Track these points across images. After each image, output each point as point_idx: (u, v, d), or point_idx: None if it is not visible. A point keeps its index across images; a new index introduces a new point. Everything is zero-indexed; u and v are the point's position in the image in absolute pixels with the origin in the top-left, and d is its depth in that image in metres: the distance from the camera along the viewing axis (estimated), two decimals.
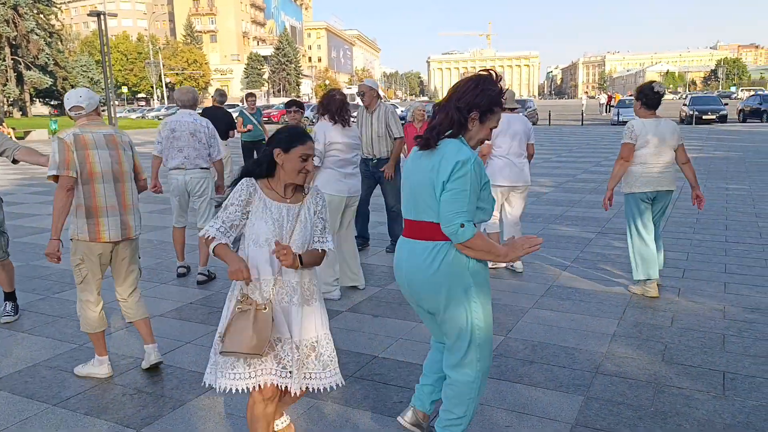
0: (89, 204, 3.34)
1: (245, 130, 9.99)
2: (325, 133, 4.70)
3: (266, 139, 8.02)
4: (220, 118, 9.36)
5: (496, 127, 2.43)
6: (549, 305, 4.56)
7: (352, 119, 5.28)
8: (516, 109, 5.69)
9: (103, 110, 59.88)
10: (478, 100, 2.33)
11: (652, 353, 3.66)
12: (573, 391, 3.22)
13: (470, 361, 2.44)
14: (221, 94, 9.87)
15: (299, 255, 2.33)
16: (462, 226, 2.22)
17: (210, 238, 2.37)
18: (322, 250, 2.44)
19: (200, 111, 9.70)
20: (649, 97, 4.60)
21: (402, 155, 6.47)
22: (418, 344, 3.88)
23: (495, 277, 5.31)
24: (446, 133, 2.35)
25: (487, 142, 5.26)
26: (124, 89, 65.42)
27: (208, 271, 5.42)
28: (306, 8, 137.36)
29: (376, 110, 5.99)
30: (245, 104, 10.51)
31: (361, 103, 6.14)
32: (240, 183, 2.40)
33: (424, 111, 7.76)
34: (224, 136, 9.34)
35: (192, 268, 5.70)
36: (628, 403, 3.07)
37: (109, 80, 27.60)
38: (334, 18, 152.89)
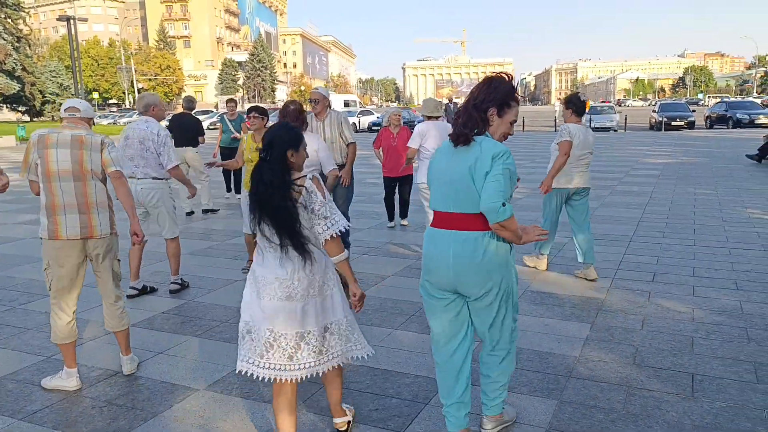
0: (48, 202, 3.38)
1: (238, 136, 9.85)
2: None
3: None
4: (188, 125, 9.27)
5: (515, 121, 2.65)
6: (523, 310, 4.59)
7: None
8: (439, 117, 6.31)
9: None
10: (492, 96, 2.57)
11: (624, 356, 3.72)
12: (546, 395, 3.25)
13: (514, 333, 2.77)
14: (189, 101, 9.76)
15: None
16: (503, 205, 2.42)
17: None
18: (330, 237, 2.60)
19: (169, 118, 9.60)
20: (578, 106, 5.36)
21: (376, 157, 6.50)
22: (394, 351, 3.88)
23: None
24: (474, 132, 2.57)
25: (411, 146, 5.36)
26: (96, 95, 64.22)
27: (181, 279, 5.33)
28: (281, 14, 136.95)
29: (326, 117, 5.94)
30: (226, 110, 10.45)
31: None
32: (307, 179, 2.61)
33: (399, 116, 7.83)
34: (193, 143, 9.27)
35: (155, 283, 5.61)
36: (601, 407, 3.12)
37: (79, 86, 27.14)
38: (310, 24, 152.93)
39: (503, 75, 2.66)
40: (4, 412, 3.22)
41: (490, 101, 2.57)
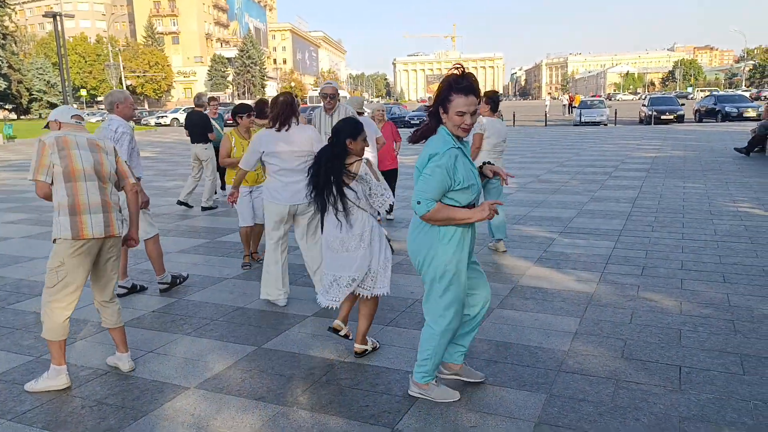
0: (72, 202, 3.38)
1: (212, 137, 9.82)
2: (263, 140, 4.55)
3: None
4: (196, 122, 9.33)
5: (463, 112, 2.81)
6: (513, 305, 4.62)
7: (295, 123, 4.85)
8: (363, 113, 6.60)
9: None
10: (436, 97, 2.89)
11: (612, 350, 3.75)
12: (536, 389, 3.28)
13: (440, 319, 3.05)
14: (197, 97, 9.79)
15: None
16: (418, 203, 2.82)
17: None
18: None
19: (185, 115, 9.78)
20: (495, 102, 6.11)
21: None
22: (384, 347, 3.90)
23: None
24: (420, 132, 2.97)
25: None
26: (83, 92, 63.67)
27: (171, 276, 5.29)
28: (270, 9, 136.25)
29: (335, 111, 5.97)
30: (207, 109, 10.33)
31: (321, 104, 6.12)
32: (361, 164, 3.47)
33: (383, 111, 7.87)
34: (202, 139, 9.32)
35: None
36: (589, 400, 3.14)
37: (66, 83, 26.90)
38: (299, 19, 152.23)
39: (449, 72, 2.88)
40: None
41: (435, 102, 2.88)
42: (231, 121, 6.50)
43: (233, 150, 5.92)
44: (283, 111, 4.52)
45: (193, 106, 9.82)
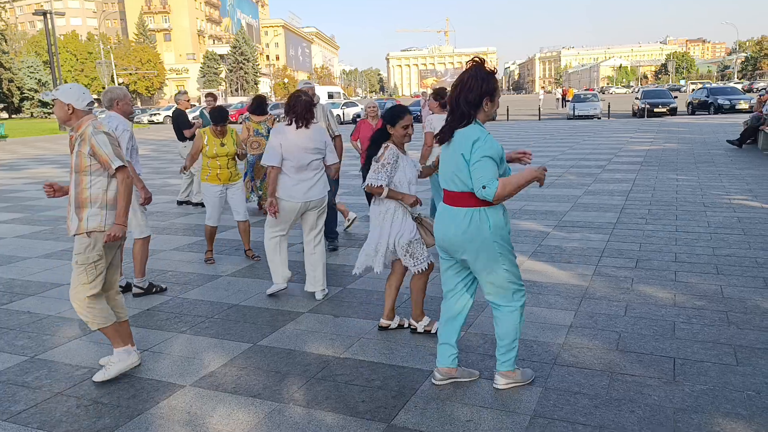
0: (114, 198, 3.47)
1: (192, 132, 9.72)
2: (280, 136, 4.60)
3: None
4: (174, 120, 9.30)
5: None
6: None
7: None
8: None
9: (52, 112, 57.83)
10: (489, 87, 3.00)
11: (607, 342, 3.77)
12: (531, 382, 3.29)
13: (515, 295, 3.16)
14: (177, 94, 9.75)
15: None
16: (483, 187, 2.85)
17: (379, 186, 3.81)
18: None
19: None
20: (443, 98, 6.26)
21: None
22: (380, 342, 3.90)
23: None
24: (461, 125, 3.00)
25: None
26: None
27: (149, 283, 5.12)
28: (262, 5, 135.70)
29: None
30: (205, 104, 10.38)
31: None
32: (389, 149, 3.85)
33: (375, 108, 7.76)
34: (180, 136, 9.27)
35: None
36: (584, 393, 3.16)
37: (57, 81, 26.74)
38: (291, 15, 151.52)
39: (472, 65, 3.09)
40: None
41: (480, 95, 3.02)
42: (233, 119, 6.49)
43: (206, 148, 5.89)
44: (304, 110, 4.60)
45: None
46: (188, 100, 9.78)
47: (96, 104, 3.68)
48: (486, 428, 2.87)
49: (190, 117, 9.63)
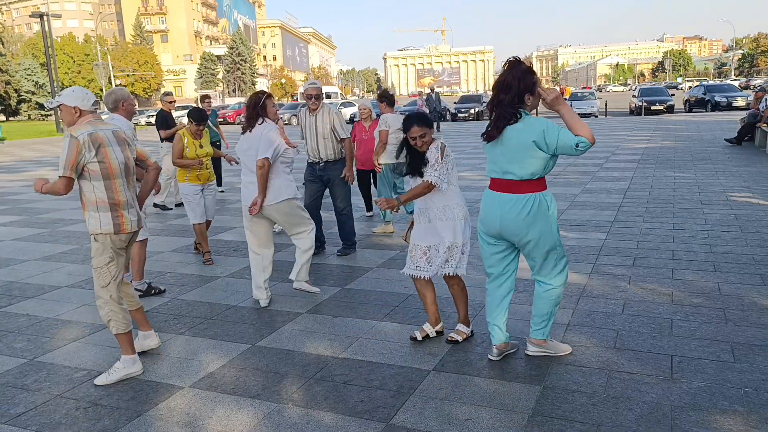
0: (112, 199, 3.48)
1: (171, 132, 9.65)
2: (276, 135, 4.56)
3: (221, 141, 7.96)
4: (157, 120, 9.34)
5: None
6: None
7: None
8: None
9: (50, 114, 57.63)
10: (530, 82, 3.22)
11: (605, 341, 3.78)
12: (530, 381, 3.30)
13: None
14: (162, 94, 9.78)
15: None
16: (578, 146, 3.07)
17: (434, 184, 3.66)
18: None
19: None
20: (389, 99, 7.13)
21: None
22: (379, 342, 3.91)
23: None
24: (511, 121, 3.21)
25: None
26: None
27: (148, 284, 5.13)
28: (259, 6, 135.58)
29: (319, 112, 5.79)
30: (203, 106, 10.35)
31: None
32: (446, 147, 3.72)
33: (369, 109, 7.70)
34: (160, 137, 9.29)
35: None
36: (582, 391, 3.17)
37: (55, 83, 26.71)
38: (288, 16, 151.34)
39: (514, 61, 3.32)
40: None
41: (520, 90, 3.25)
42: (221, 118, 6.51)
43: (186, 150, 5.90)
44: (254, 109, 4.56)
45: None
46: (172, 102, 9.74)
47: (99, 105, 3.68)
48: (484, 427, 2.88)
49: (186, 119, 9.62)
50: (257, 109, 4.56)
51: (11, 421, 3.13)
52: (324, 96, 5.98)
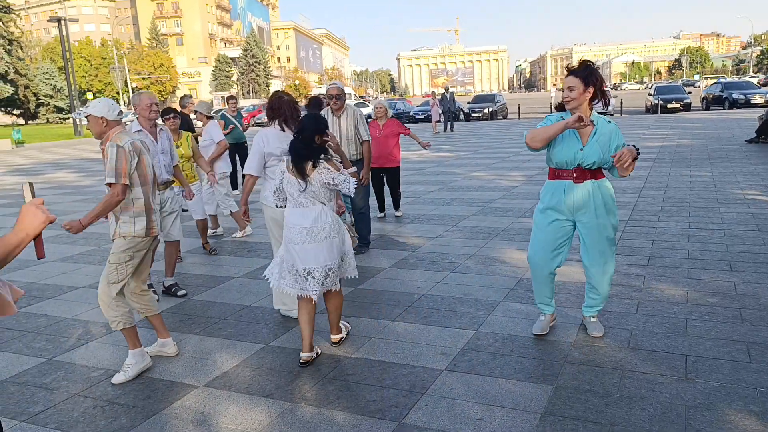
0: (147, 204, 3.64)
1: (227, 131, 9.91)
2: (267, 141, 4.25)
3: (247, 140, 7.86)
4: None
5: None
6: (519, 298, 4.63)
7: None
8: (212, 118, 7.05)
9: (68, 117, 58.21)
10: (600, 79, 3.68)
11: (618, 340, 3.76)
12: (542, 381, 3.29)
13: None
14: (181, 98, 9.88)
15: None
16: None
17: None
18: None
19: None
20: (315, 105, 6.84)
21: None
22: (391, 342, 3.92)
23: (463, 272, 5.37)
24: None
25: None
26: (89, 95, 63.93)
27: (175, 284, 5.25)
28: (273, 8, 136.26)
29: (343, 113, 5.86)
30: (227, 107, 10.63)
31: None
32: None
33: (384, 108, 7.75)
34: None
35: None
36: (595, 391, 3.15)
37: (72, 87, 27.08)
38: (302, 17, 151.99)
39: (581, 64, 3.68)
40: (7, 414, 3.25)
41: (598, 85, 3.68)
42: (245, 122, 6.57)
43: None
44: (292, 111, 4.34)
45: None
46: (194, 104, 9.84)
47: (123, 114, 3.78)
48: (496, 426, 2.88)
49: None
50: (297, 107, 4.42)
51: (30, 419, 3.20)
52: (345, 96, 5.94)
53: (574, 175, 3.64)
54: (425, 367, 3.53)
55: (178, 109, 9.50)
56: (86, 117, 3.60)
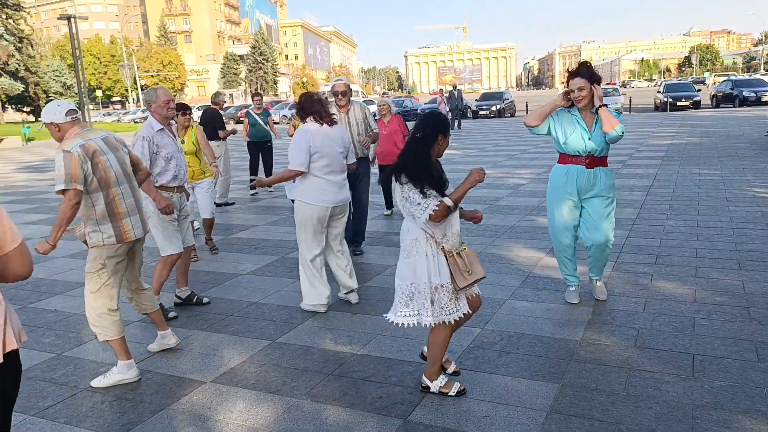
0: (111, 209, 3.44)
1: (274, 130, 10.00)
2: (313, 135, 4.27)
3: (271, 139, 7.98)
4: (207, 120, 9.46)
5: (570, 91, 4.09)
6: (525, 296, 4.63)
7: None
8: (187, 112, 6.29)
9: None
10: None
11: (625, 339, 3.75)
12: (548, 379, 3.29)
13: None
14: (214, 95, 9.92)
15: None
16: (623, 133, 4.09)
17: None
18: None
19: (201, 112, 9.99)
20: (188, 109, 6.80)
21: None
22: (397, 340, 3.93)
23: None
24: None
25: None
26: (99, 93, 64.28)
27: (192, 292, 4.97)
28: (281, 6, 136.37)
29: (351, 109, 5.82)
30: (252, 105, 10.65)
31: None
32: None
33: (388, 105, 7.79)
34: (213, 136, 9.36)
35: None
36: (601, 389, 3.15)
37: (82, 84, 27.22)
38: (310, 15, 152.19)
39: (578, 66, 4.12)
40: (18, 408, 3.28)
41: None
42: (241, 118, 6.56)
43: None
44: (325, 108, 4.36)
45: (210, 103, 9.90)
46: (261, 100, 10.23)
47: (78, 112, 3.52)
48: (502, 424, 2.88)
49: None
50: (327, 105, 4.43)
51: (40, 413, 3.23)
52: (351, 92, 5.88)
53: (587, 161, 4.14)
54: None
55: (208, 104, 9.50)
56: (46, 126, 3.49)
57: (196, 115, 28.45)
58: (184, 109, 6.07)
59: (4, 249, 1.78)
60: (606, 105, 4.09)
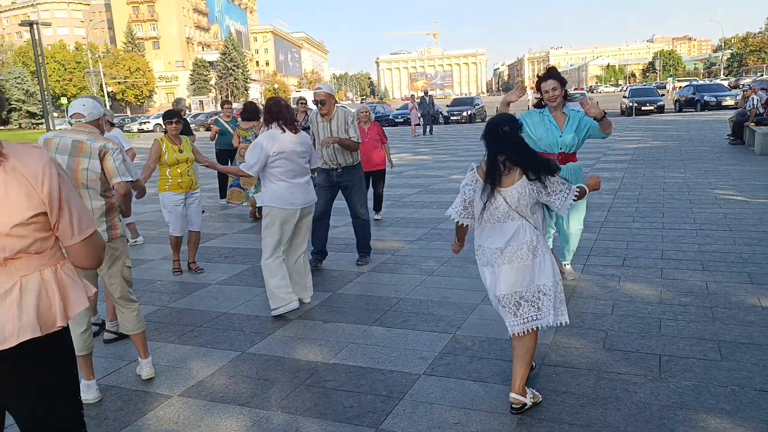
0: None
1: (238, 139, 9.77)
2: (273, 142, 4.43)
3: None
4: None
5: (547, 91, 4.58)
6: None
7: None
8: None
9: (41, 123, 57.23)
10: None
11: (594, 341, 3.79)
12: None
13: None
14: (175, 102, 9.77)
15: None
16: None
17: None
18: None
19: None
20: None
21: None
22: (369, 348, 3.91)
23: (442, 275, 5.38)
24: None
25: None
26: (64, 100, 62.89)
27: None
28: (251, 12, 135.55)
29: (333, 117, 5.54)
30: (222, 112, 10.46)
31: (314, 109, 5.74)
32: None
33: (367, 112, 7.81)
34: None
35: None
36: (571, 392, 3.17)
37: (45, 92, 26.62)
38: (281, 21, 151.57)
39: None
40: None
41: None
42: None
43: (164, 156, 5.79)
44: (291, 114, 4.57)
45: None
46: (230, 108, 9.97)
47: (80, 116, 3.49)
48: (474, 430, 2.88)
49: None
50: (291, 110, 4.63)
51: None
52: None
53: (560, 158, 4.42)
54: (403, 372, 3.52)
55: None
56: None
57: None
58: (171, 117, 5.81)
59: (65, 242, 1.74)
60: (605, 113, 4.47)
